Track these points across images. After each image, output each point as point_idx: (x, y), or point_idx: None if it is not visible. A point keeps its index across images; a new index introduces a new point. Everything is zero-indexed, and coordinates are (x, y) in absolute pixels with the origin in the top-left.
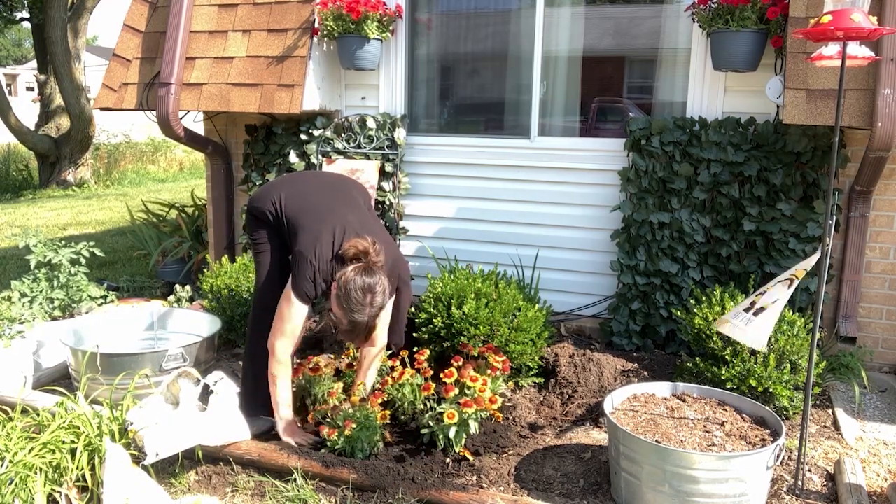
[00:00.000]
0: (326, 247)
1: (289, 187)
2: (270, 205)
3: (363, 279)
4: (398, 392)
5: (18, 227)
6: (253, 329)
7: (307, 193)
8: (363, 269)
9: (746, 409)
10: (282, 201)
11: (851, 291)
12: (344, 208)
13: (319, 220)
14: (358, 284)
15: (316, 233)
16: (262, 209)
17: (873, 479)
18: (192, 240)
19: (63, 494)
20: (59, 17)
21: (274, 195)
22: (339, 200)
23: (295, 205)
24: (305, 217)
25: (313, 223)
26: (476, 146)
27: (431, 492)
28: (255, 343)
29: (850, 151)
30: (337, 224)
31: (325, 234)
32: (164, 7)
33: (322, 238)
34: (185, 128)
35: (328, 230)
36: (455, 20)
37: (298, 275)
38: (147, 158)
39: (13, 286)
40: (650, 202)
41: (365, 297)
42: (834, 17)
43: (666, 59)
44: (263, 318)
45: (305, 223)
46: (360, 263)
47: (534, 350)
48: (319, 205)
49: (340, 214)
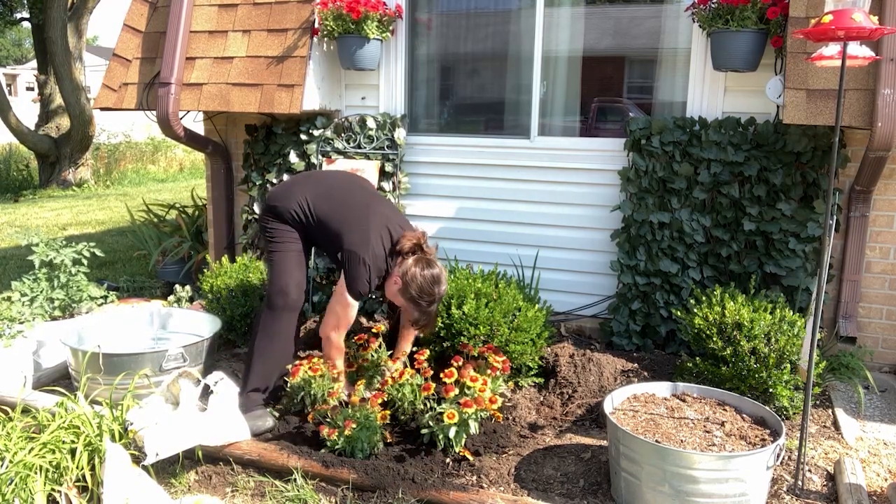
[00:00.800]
0: (378, 245)
1: (313, 187)
2: (297, 205)
3: (429, 272)
4: (398, 392)
5: (18, 227)
6: (266, 325)
7: (333, 190)
8: (425, 262)
9: (746, 409)
10: (309, 201)
11: (851, 291)
12: (375, 203)
13: (362, 218)
14: (427, 277)
15: (364, 232)
16: (287, 208)
17: (873, 479)
18: (192, 240)
19: (63, 494)
20: (59, 17)
21: (299, 195)
22: (367, 195)
23: (326, 204)
24: (343, 215)
25: (357, 222)
26: (476, 146)
27: (431, 492)
28: (267, 340)
29: (850, 151)
30: (380, 221)
31: (372, 232)
32: (164, 7)
33: (371, 237)
34: (185, 128)
35: (375, 229)
36: (455, 20)
37: (353, 276)
38: (147, 158)
39: (13, 286)
40: (650, 202)
41: (434, 288)
42: (835, 16)
43: (666, 59)
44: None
45: (347, 222)
46: (417, 256)
47: (534, 350)
48: (352, 202)
49: (376, 210)
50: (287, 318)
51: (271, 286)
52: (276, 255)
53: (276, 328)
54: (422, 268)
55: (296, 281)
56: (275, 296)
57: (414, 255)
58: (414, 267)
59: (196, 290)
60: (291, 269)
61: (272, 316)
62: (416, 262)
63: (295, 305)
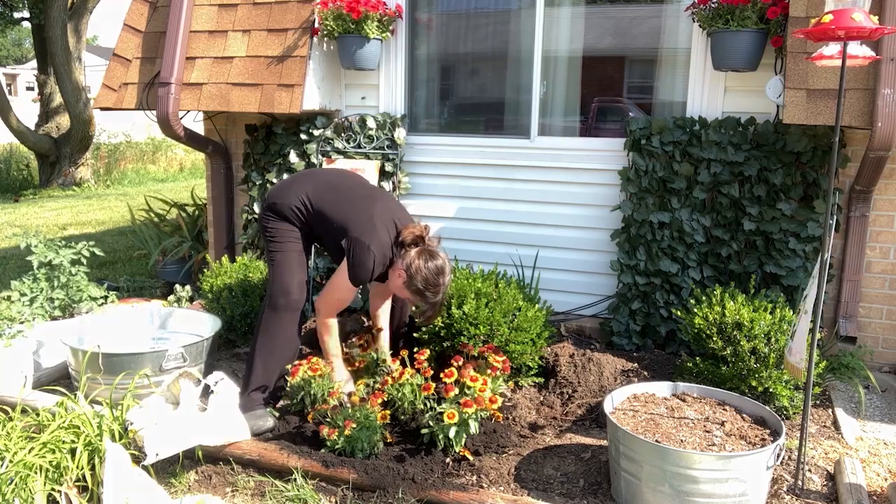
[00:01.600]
0: (383, 234)
1: (313, 182)
2: (297, 200)
3: (433, 263)
4: (398, 392)
5: (18, 227)
6: (268, 325)
7: (335, 185)
8: (428, 254)
9: (746, 408)
10: (309, 195)
11: (851, 291)
12: (378, 195)
13: (366, 208)
14: (431, 269)
15: (368, 220)
16: (288, 204)
17: (873, 479)
18: (192, 240)
19: (63, 494)
20: (59, 17)
21: (299, 191)
22: (369, 189)
23: (328, 196)
24: (347, 206)
25: (362, 211)
26: (476, 146)
27: (431, 492)
28: (269, 339)
29: (851, 151)
30: (384, 212)
31: (377, 220)
32: (164, 7)
33: (377, 225)
34: (185, 128)
35: (380, 218)
36: (455, 20)
37: (357, 262)
38: (147, 158)
39: (13, 286)
40: (650, 202)
41: (438, 279)
42: (835, 16)
43: (666, 59)
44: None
45: (351, 212)
46: (419, 248)
47: (534, 350)
48: (354, 195)
49: (380, 202)
50: (289, 317)
51: (273, 286)
52: (277, 254)
53: (278, 328)
54: (425, 259)
55: (298, 280)
56: (277, 295)
57: (416, 248)
58: (418, 259)
59: (196, 289)
60: (293, 268)
61: (274, 316)
62: (419, 254)
63: (297, 305)
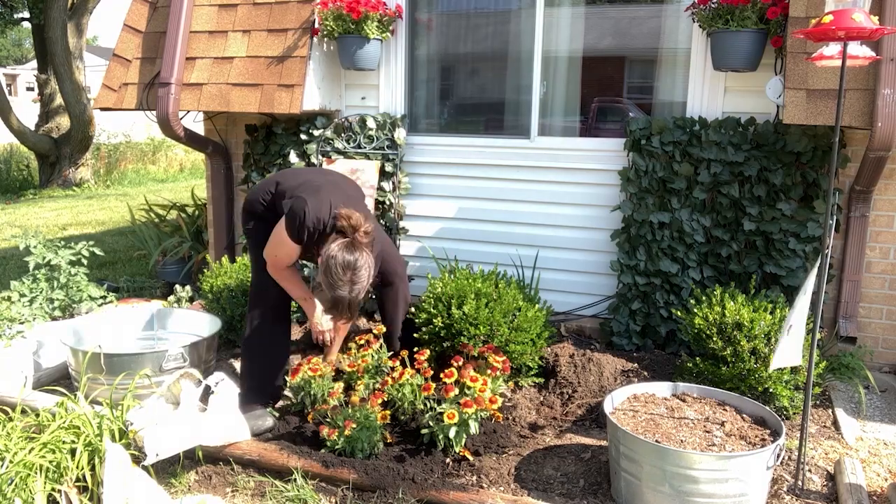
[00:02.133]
0: (325, 206)
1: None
2: (264, 192)
3: (347, 256)
4: (398, 392)
5: (18, 227)
6: (253, 323)
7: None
8: (347, 245)
9: (746, 409)
10: (277, 187)
11: (851, 291)
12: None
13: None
14: (340, 261)
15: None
16: (256, 199)
17: (873, 479)
18: (192, 240)
19: (63, 494)
20: (59, 17)
21: (268, 185)
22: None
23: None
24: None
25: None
26: (476, 146)
27: (431, 492)
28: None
29: (851, 151)
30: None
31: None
32: (164, 7)
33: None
34: (185, 128)
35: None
36: (455, 20)
37: (290, 214)
38: (147, 158)
39: (13, 286)
40: (650, 202)
41: (343, 273)
42: (835, 16)
43: (666, 59)
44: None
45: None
46: (346, 238)
47: (534, 350)
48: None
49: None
50: (273, 314)
51: (252, 287)
52: (253, 252)
53: (263, 326)
54: (342, 250)
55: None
56: (255, 295)
57: (343, 237)
58: (334, 247)
59: (196, 290)
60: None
61: (257, 314)
62: (339, 245)
63: (277, 302)
